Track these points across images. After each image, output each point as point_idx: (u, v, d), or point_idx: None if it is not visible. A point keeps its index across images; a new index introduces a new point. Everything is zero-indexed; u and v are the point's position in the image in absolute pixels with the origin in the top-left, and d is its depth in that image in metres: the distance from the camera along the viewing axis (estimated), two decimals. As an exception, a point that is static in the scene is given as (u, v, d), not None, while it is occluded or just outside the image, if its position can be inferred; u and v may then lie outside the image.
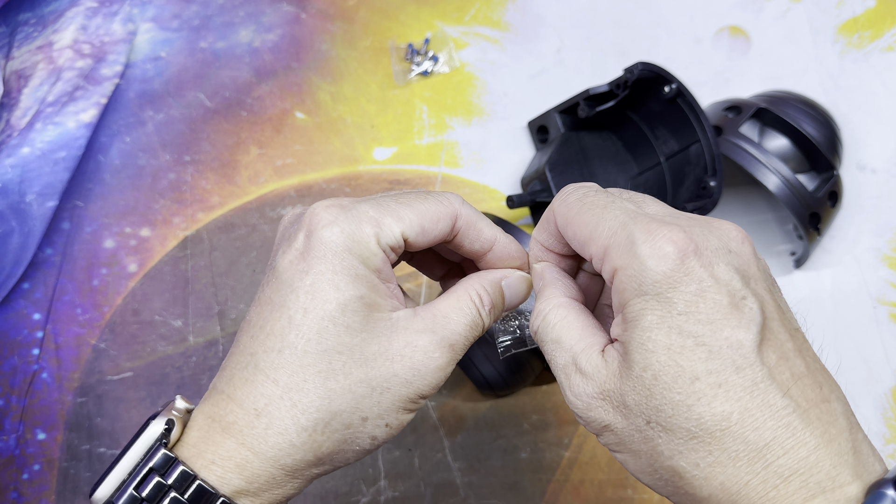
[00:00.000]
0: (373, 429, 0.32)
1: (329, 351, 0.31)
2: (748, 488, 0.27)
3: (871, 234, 0.60)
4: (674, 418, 0.28)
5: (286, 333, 0.31)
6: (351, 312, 0.31)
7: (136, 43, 0.62)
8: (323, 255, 0.31)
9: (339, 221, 0.32)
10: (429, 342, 0.33)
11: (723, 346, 0.28)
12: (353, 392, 0.31)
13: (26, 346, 0.55)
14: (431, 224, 0.34)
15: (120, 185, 0.59)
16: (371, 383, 0.32)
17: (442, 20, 0.64)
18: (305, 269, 0.32)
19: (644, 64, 0.52)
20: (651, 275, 0.28)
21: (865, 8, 0.65)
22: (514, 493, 0.53)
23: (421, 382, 0.32)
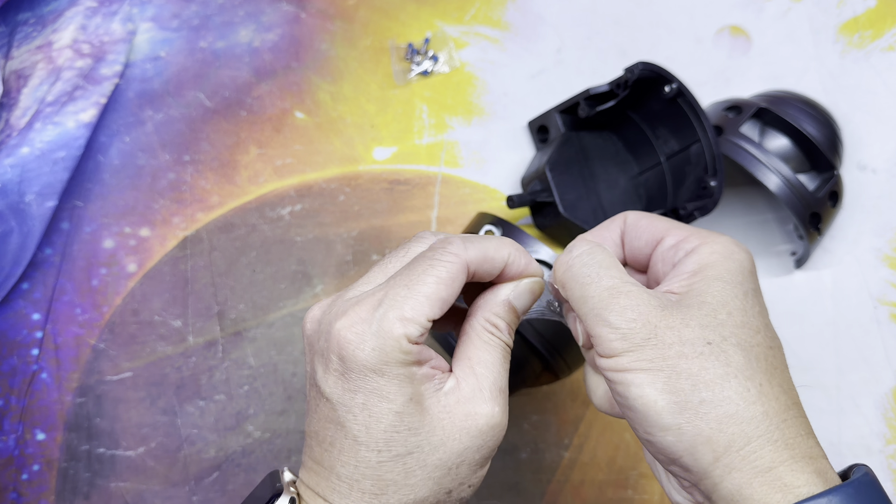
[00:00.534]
0: (458, 494, 0.33)
1: (401, 455, 0.32)
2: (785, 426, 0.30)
3: (871, 233, 0.60)
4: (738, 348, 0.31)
5: (357, 450, 0.32)
6: (408, 416, 0.32)
7: (136, 42, 0.62)
8: (363, 374, 0.32)
9: (367, 340, 0.32)
10: (483, 403, 0.34)
11: (770, 329, 0.34)
12: (432, 478, 0.33)
13: (25, 347, 0.55)
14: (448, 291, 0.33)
15: (119, 184, 0.59)
16: (447, 465, 0.33)
17: (442, 20, 0.63)
18: (353, 390, 0.32)
19: (644, 63, 0.52)
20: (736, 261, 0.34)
21: (866, 7, 0.65)
22: (515, 493, 0.53)
23: (490, 441, 0.34)
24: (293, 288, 0.57)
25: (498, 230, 0.51)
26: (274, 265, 0.58)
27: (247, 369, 0.55)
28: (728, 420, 0.29)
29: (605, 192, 0.57)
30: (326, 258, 0.58)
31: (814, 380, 0.56)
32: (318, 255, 0.58)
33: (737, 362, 0.30)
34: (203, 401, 0.55)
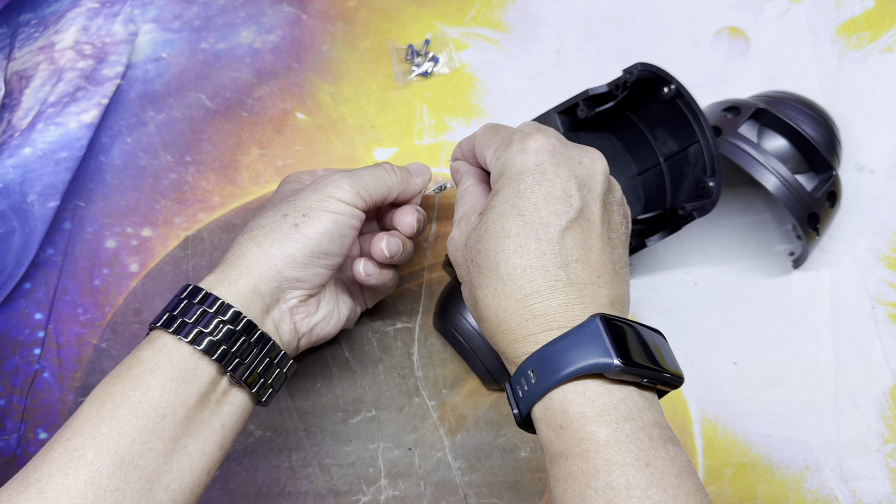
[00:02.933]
0: (293, 219, 0.44)
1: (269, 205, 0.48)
2: (510, 317, 0.37)
3: (869, 234, 0.60)
4: (485, 260, 0.39)
5: None
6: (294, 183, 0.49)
7: (138, 44, 0.63)
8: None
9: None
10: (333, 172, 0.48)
11: (536, 222, 0.38)
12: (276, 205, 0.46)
13: (28, 346, 0.55)
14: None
15: (121, 185, 0.59)
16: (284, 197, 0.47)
17: (442, 21, 0.64)
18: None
19: (643, 65, 0.52)
20: (512, 164, 0.40)
21: (864, 9, 0.65)
22: (514, 492, 0.53)
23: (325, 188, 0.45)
24: (294, 288, 0.57)
25: None
26: (275, 265, 0.58)
27: (248, 369, 0.56)
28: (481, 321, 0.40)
29: (605, 193, 0.57)
30: (327, 258, 0.58)
31: (812, 379, 0.56)
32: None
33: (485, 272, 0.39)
34: (204, 400, 0.55)
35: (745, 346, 0.57)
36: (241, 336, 0.42)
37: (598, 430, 0.34)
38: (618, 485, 0.33)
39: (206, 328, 0.41)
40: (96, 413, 0.38)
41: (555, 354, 0.36)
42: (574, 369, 0.35)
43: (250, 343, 0.42)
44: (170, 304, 0.42)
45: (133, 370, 0.39)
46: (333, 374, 0.56)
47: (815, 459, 0.54)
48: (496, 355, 0.51)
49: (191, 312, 0.41)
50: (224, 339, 0.41)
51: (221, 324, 0.41)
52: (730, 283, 0.59)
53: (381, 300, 0.56)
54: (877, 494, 0.54)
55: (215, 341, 0.41)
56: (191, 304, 0.41)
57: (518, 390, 0.37)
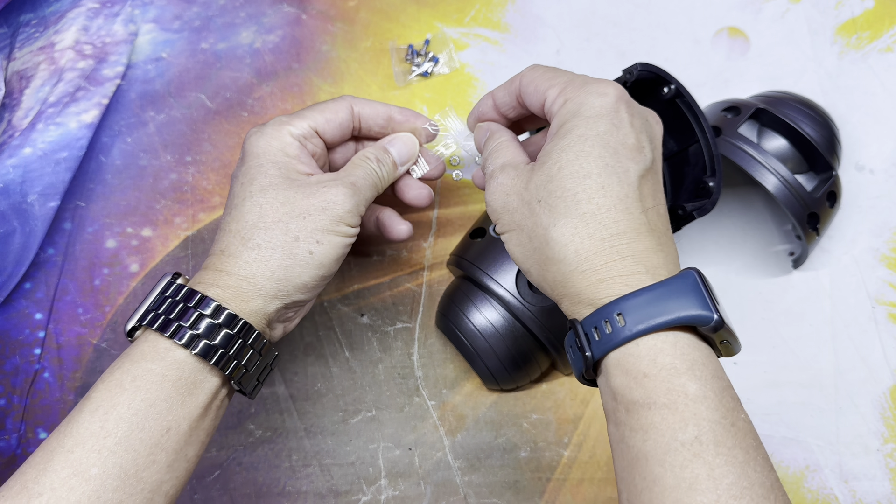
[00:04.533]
0: (307, 245, 0.43)
1: (260, 200, 0.43)
2: (595, 256, 0.37)
3: (869, 234, 0.60)
4: (560, 199, 0.38)
5: (232, 200, 0.44)
6: (273, 178, 0.44)
7: (138, 44, 0.63)
8: (251, 151, 0.45)
9: (262, 130, 0.46)
10: (335, 183, 0.44)
11: (616, 164, 0.38)
12: (282, 221, 0.43)
13: (28, 346, 0.55)
14: (332, 114, 0.48)
15: (121, 185, 0.59)
16: (295, 213, 0.43)
17: (442, 21, 0.64)
18: (241, 164, 0.45)
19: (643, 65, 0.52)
20: (592, 104, 0.39)
21: (864, 9, 0.65)
22: (514, 491, 0.53)
23: (333, 208, 0.43)
24: (294, 288, 0.57)
25: None
26: (275, 265, 0.58)
27: (248, 368, 0.56)
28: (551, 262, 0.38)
29: (605, 193, 0.57)
30: (327, 258, 0.58)
31: (812, 379, 0.56)
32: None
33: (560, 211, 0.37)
34: (204, 400, 0.55)
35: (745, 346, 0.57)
36: (238, 339, 0.41)
37: (687, 383, 0.34)
38: (706, 440, 0.33)
39: (210, 339, 0.40)
40: (100, 426, 0.37)
41: (651, 301, 0.35)
42: (672, 318, 0.35)
43: (247, 345, 0.42)
44: (164, 306, 0.41)
45: (138, 381, 0.38)
46: (333, 374, 0.56)
47: (814, 459, 0.54)
48: (498, 356, 0.51)
49: (187, 316, 0.40)
50: (222, 343, 0.40)
51: (221, 329, 0.40)
52: (730, 283, 0.59)
53: (380, 300, 0.57)
54: (876, 494, 0.54)
55: (219, 349, 0.40)
56: (186, 307, 0.40)
57: (595, 333, 0.36)
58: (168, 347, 0.40)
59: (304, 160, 0.46)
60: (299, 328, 0.56)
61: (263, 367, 0.44)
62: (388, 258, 0.58)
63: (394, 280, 0.58)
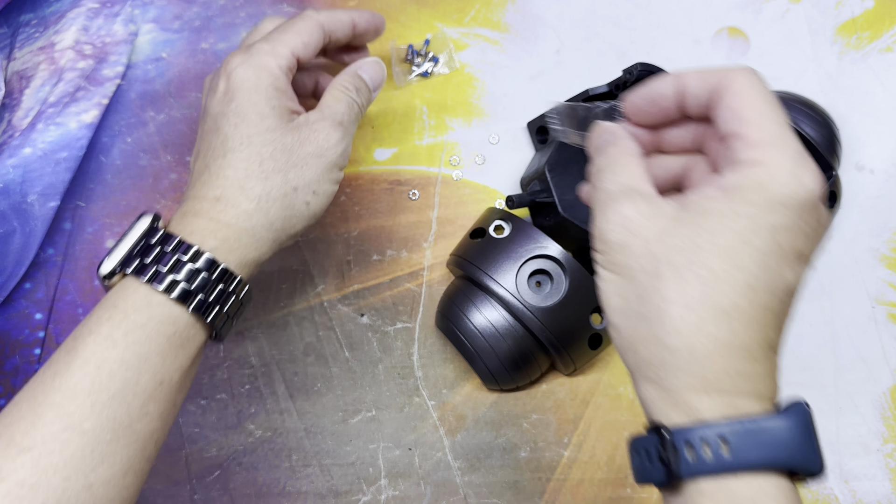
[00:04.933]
0: (304, 196, 0.44)
1: (260, 149, 0.43)
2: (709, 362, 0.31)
3: (869, 234, 0.60)
4: (698, 280, 0.31)
5: (226, 143, 0.43)
6: (269, 120, 0.43)
7: (138, 44, 0.63)
8: (241, 86, 0.43)
9: (247, 61, 0.44)
10: (323, 125, 0.45)
11: (776, 270, 0.31)
12: (282, 171, 0.43)
13: (28, 346, 0.55)
14: (309, 37, 0.46)
15: (121, 185, 0.59)
16: (293, 162, 0.43)
17: (442, 21, 0.64)
18: (230, 100, 0.43)
19: (643, 65, 0.52)
20: (789, 187, 0.31)
21: (864, 9, 0.65)
22: (514, 491, 0.53)
23: (328, 154, 0.44)
24: (294, 288, 0.57)
25: (508, 225, 0.52)
26: (275, 265, 0.58)
27: (248, 368, 0.56)
28: (652, 341, 0.32)
29: (605, 193, 0.57)
30: (327, 258, 0.58)
31: (812, 379, 0.56)
32: (319, 255, 0.58)
33: (691, 293, 0.31)
34: (204, 400, 0.55)
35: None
36: (231, 295, 0.42)
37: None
38: None
39: (206, 295, 0.40)
40: (91, 381, 0.37)
41: (763, 435, 0.30)
42: (783, 462, 0.30)
43: (237, 299, 0.42)
44: (153, 254, 0.40)
45: (130, 336, 0.38)
46: (333, 374, 0.56)
47: (814, 459, 0.55)
48: (498, 356, 0.51)
49: (184, 271, 0.40)
50: (216, 299, 0.41)
51: (217, 285, 0.41)
52: (730, 283, 0.59)
53: (380, 300, 0.57)
54: (876, 494, 0.54)
55: (214, 305, 0.41)
56: (180, 261, 0.40)
57: (687, 450, 0.31)
58: (162, 302, 0.39)
59: (290, 95, 0.45)
60: (299, 328, 0.57)
61: (240, 313, 0.44)
62: (388, 258, 0.58)
63: (394, 280, 0.58)
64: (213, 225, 0.41)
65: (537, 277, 0.51)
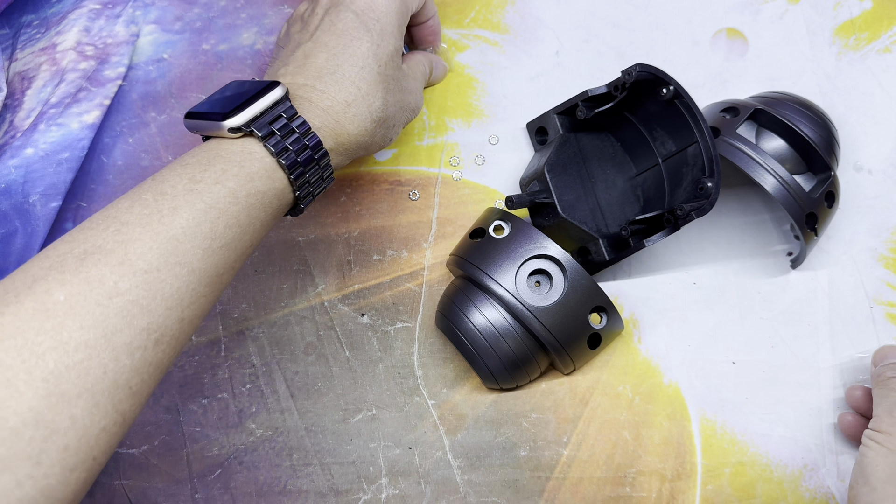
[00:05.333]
0: (394, 128, 0.51)
1: (389, 78, 0.49)
2: None
3: (867, 234, 0.60)
4: None
5: (367, 58, 0.48)
6: (396, 57, 0.50)
7: (139, 45, 0.63)
8: (388, 10, 0.49)
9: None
10: (416, 85, 0.55)
11: None
12: (396, 106, 0.50)
13: (30, 346, 0.55)
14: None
15: (123, 185, 0.59)
16: (402, 104, 0.51)
17: (442, 23, 0.64)
18: (377, 18, 0.49)
19: (642, 66, 0.52)
20: None
21: (862, 10, 0.65)
22: (514, 490, 0.54)
23: (413, 113, 0.54)
24: (295, 287, 0.58)
25: (507, 225, 0.52)
26: (276, 265, 0.58)
27: (249, 367, 0.56)
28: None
29: (603, 194, 0.57)
30: (328, 258, 0.58)
31: (811, 378, 0.57)
32: (320, 254, 0.58)
33: None
34: (206, 399, 0.55)
35: (743, 346, 0.57)
36: (317, 168, 0.46)
37: None
38: None
39: (311, 177, 0.45)
40: (210, 227, 0.40)
41: None
42: None
43: (323, 177, 0.47)
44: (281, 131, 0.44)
45: (251, 199, 0.42)
46: (334, 374, 0.56)
47: (812, 458, 0.55)
48: (498, 356, 0.51)
49: (296, 144, 0.44)
50: (315, 182, 0.46)
51: (314, 162, 0.45)
52: (728, 283, 0.59)
53: (380, 300, 0.57)
54: (874, 493, 0.54)
55: (310, 182, 0.46)
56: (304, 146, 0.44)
57: None
58: (281, 177, 0.44)
59: None
60: (300, 328, 0.57)
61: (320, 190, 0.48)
62: (388, 258, 0.59)
63: (394, 280, 0.58)
64: (338, 128, 0.47)
65: (536, 277, 0.51)
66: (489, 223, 0.53)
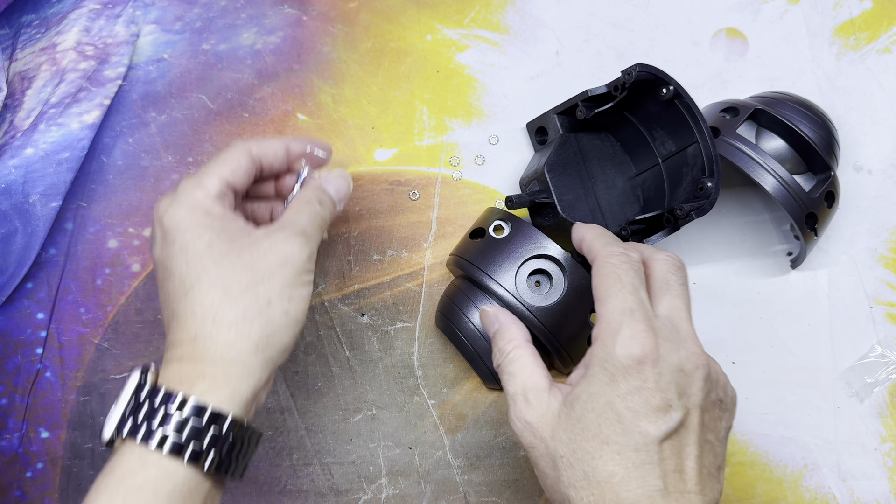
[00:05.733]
0: (280, 306, 0.41)
1: (219, 275, 0.40)
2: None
3: (867, 234, 0.60)
4: (580, 461, 0.37)
5: (183, 283, 0.40)
6: (217, 246, 0.41)
7: (139, 45, 0.63)
8: (177, 226, 0.41)
9: (175, 200, 0.42)
10: (284, 234, 0.42)
11: (635, 430, 0.37)
12: (249, 289, 0.40)
13: (30, 346, 0.56)
14: (236, 163, 0.44)
15: (123, 185, 0.59)
16: (258, 277, 0.40)
17: (442, 23, 0.64)
18: (171, 242, 0.41)
19: (642, 66, 0.52)
20: (616, 360, 0.38)
21: (862, 10, 0.65)
22: (514, 490, 0.54)
23: (293, 261, 0.41)
24: (295, 287, 0.58)
25: (507, 225, 0.52)
26: (276, 265, 0.58)
27: (249, 368, 0.56)
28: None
29: (603, 193, 0.57)
30: (328, 258, 0.58)
31: (810, 378, 0.57)
32: (320, 254, 0.58)
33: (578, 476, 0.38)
34: (206, 399, 0.55)
35: (743, 346, 0.57)
36: (227, 439, 0.39)
37: None
38: None
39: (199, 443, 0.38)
40: None
41: None
42: None
43: (241, 442, 0.40)
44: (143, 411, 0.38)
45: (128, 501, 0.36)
46: (334, 374, 0.56)
47: (813, 458, 0.55)
48: None
49: (167, 421, 0.38)
50: (210, 444, 0.38)
51: (208, 430, 0.38)
52: (728, 283, 0.59)
53: (380, 300, 0.57)
54: (874, 493, 0.54)
55: (209, 452, 0.38)
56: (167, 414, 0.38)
57: None
58: (155, 460, 0.37)
59: (234, 216, 0.43)
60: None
61: (250, 452, 0.42)
62: (388, 258, 0.59)
63: (394, 280, 0.58)
64: (197, 366, 0.39)
65: (536, 277, 0.51)
66: (489, 223, 0.53)
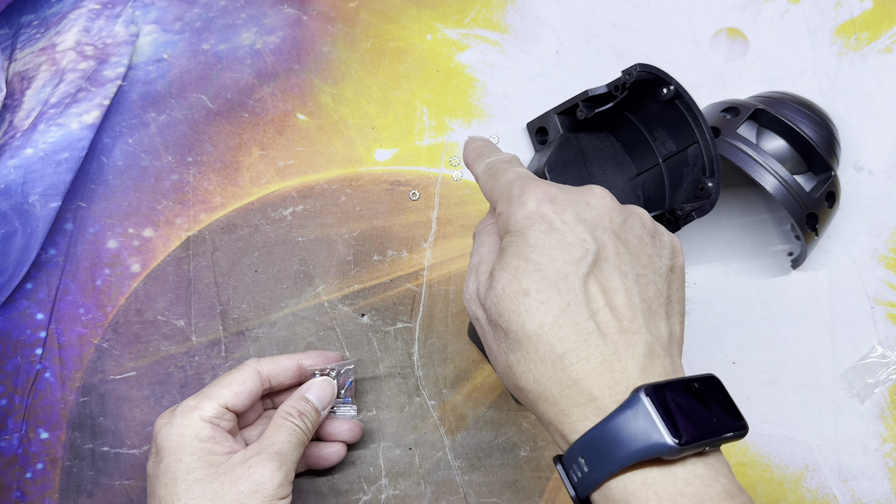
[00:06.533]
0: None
1: (191, 498, 0.42)
2: (550, 384, 0.34)
3: (867, 234, 0.60)
4: (509, 323, 0.35)
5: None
6: (196, 472, 0.43)
7: (139, 45, 0.63)
8: (166, 447, 0.44)
9: (171, 421, 0.45)
10: (258, 459, 0.44)
11: (553, 274, 0.35)
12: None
13: (29, 346, 0.55)
14: (241, 386, 0.47)
15: (123, 185, 0.59)
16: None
17: (442, 23, 0.64)
18: (159, 461, 0.44)
19: (642, 66, 0.52)
20: (517, 217, 0.37)
21: (863, 10, 0.65)
22: (514, 491, 0.54)
23: (265, 489, 0.43)
24: (295, 288, 0.58)
25: None
26: (276, 265, 0.58)
27: (249, 368, 0.56)
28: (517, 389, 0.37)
29: (604, 193, 0.57)
30: (328, 258, 0.58)
31: (811, 379, 0.57)
32: (320, 255, 0.58)
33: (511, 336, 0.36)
34: (205, 400, 0.55)
35: (743, 346, 0.57)
36: None
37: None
38: None
39: None
40: None
41: (604, 439, 0.33)
42: (627, 458, 0.32)
43: None
44: None
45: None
46: (334, 374, 0.56)
47: (813, 459, 0.55)
48: None
49: None
50: None
51: None
52: (728, 284, 0.59)
53: (380, 300, 0.57)
54: (875, 494, 0.54)
55: None
56: None
57: (572, 475, 0.34)
58: None
59: (219, 440, 0.45)
60: (300, 328, 0.57)
61: None
62: (388, 258, 0.59)
63: (394, 280, 0.58)
64: None
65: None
66: (489, 223, 0.53)
